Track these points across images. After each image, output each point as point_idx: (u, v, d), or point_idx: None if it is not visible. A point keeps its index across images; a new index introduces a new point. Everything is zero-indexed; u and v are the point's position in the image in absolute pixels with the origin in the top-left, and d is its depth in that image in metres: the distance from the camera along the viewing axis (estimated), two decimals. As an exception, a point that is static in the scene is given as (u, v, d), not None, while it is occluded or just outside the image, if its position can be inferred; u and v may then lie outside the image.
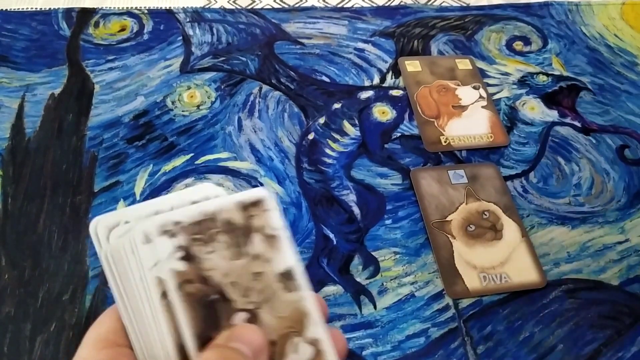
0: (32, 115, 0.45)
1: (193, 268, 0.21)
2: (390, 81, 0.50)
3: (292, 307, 0.22)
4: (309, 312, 0.23)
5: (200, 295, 0.21)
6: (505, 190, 0.43)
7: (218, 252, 0.22)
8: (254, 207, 0.23)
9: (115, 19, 0.53)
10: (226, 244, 0.22)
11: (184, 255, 0.21)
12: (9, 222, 0.39)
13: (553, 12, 0.57)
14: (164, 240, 0.21)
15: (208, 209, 0.22)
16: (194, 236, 0.22)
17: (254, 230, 0.23)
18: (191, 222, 0.22)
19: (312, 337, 0.22)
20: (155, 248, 0.21)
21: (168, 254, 0.21)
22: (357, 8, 0.57)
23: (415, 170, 0.43)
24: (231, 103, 0.47)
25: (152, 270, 0.21)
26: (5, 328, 0.35)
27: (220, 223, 0.22)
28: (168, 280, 0.21)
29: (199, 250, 0.22)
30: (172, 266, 0.21)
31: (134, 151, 0.43)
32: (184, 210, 0.22)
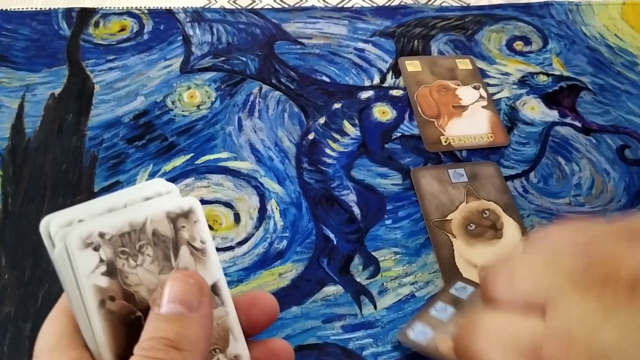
0: (32, 115, 0.45)
1: (117, 284, 0.20)
2: (390, 81, 0.50)
3: (216, 324, 0.22)
4: (232, 327, 0.22)
5: (123, 314, 0.20)
6: (506, 189, 0.43)
7: (144, 266, 0.21)
8: (184, 218, 0.22)
9: (115, 19, 0.53)
10: (152, 257, 0.21)
11: (107, 269, 0.20)
12: (9, 222, 0.39)
13: (553, 12, 0.57)
14: (88, 252, 0.20)
15: (136, 219, 0.21)
16: (119, 249, 0.20)
17: (182, 243, 0.22)
18: (117, 234, 0.20)
19: (234, 353, 0.22)
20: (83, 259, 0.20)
21: (92, 269, 0.20)
22: (357, 8, 0.57)
23: (415, 170, 0.43)
24: (231, 103, 0.47)
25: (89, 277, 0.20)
26: (5, 328, 0.35)
27: (148, 234, 0.21)
28: (89, 297, 0.20)
29: (124, 264, 0.20)
30: (94, 282, 0.20)
31: (134, 151, 0.43)
32: (112, 218, 0.21)
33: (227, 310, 0.22)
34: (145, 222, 0.21)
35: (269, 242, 0.39)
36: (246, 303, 0.23)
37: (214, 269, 0.22)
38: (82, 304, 0.20)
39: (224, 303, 0.22)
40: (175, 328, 0.19)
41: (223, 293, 0.22)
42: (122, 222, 0.21)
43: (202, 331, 0.20)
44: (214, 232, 0.39)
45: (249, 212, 0.41)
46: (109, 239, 0.20)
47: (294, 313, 0.36)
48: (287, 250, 0.39)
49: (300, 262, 0.39)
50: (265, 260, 0.38)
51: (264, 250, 0.39)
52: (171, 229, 0.21)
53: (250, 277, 0.38)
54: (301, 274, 0.38)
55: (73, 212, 0.21)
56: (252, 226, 0.40)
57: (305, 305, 0.37)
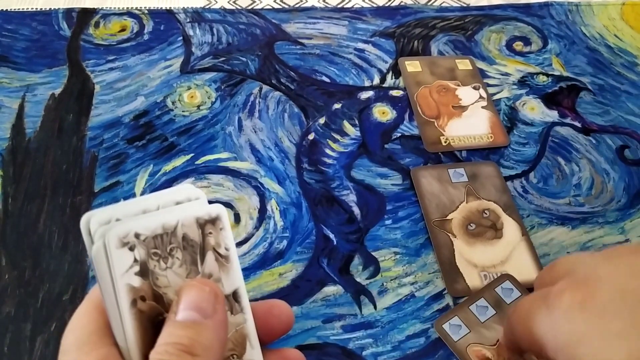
0: (33, 115, 0.45)
1: (148, 284, 0.21)
2: (390, 81, 0.50)
3: (235, 330, 0.22)
4: (249, 334, 0.22)
5: (152, 314, 0.21)
6: (505, 188, 0.43)
7: (173, 268, 0.21)
8: (211, 225, 0.22)
9: (115, 19, 0.53)
10: (181, 261, 0.22)
11: (140, 270, 0.21)
12: (9, 222, 0.39)
13: (553, 13, 0.57)
14: (124, 252, 0.21)
15: (169, 222, 0.21)
16: (152, 250, 0.21)
17: (208, 249, 0.22)
18: (151, 236, 0.21)
19: (250, 359, 0.22)
20: (119, 258, 0.20)
21: (126, 268, 0.20)
22: (357, 8, 0.57)
23: (415, 169, 0.44)
24: (231, 103, 0.47)
25: (123, 277, 0.20)
26: (6, 328, 0.35)
27: (179, 238, 0.22)
28: (122, 296, 0.20)
29: (155, 266, 0.21)
30: (128, 281, 0.20)
31: (134, 151, 0.43)
32: (147, 220, 0.21)
33: (246, 317, 0.23)
34: (177, 226, 0.22)
35: (269, 242, 0.39)
36: (263, 311, 0.24)
37: (236, 276, 0.23)
38: (115, 302, 0.21)
39: (243, 310, 0.23)
40: (189, 334, 0.20)
41: (243, 300, 0.23)
42: (156, 224, 0.21)
43: (216, 338, 0.20)
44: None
45: (249, 212, 0.41)
46: (144, 239, 0.21)
47: (294, 313, 0.36)
48: (287, 250, 0.39)
49: (300, 262, 0.39)
50: (265, 260, 0.39)
51: (264, 250, 0.39)
52: (199, 234, 0.22)
53: (251, 277, 0.38)
54: (301, 274, 0.38)
55: (111, 211, 0.21)
56: (252, 226, 0.40)
57: (305, 305, 0.37)
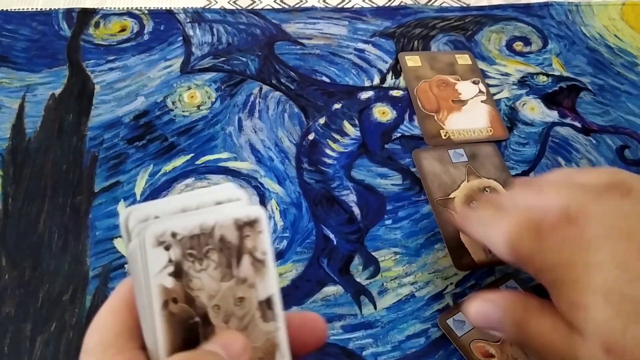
0: (33, 115, 0.45)
1: (180, 286, 0.20)
2: (390, 81, 0.50)
3: (266, 338, 0.22)
4: (280, 344, 0.22)
5: (183, 317, 0.20)
6: (504, 167, 0.44)
7: (208, 271, 0.21)
8: (249, 227, 0.22)
9: (115, 19, 0.53)
10: (216, 264, 0.21)
11: (174, 270, 0.20)
12: (9, 222, 0.39)
13: (553, 13, 0.57)
14: (160, 251, 0.20)
15: (206, 222, 0.21)
16: (188, 251, 0.20)
17: (244, 252, 0.21)
18: (188, 235, 0.20)
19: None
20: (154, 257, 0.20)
21: (160, 268, 0.20)
22: (357, 8, 0.57)
23: (417, 151, 0.45)
24: (231, 103, 0.47)
25: (156, 277, 0.20)
26: (6, 328, 0.35)
27: (215, 240, 0.21)
28: (155, 297, 0.20)
29: (190, 267, 0.20)
30: (161, 281, 0.20)
31: (134, 151, 0.43)
32: (184, 219, 0.21)
33: (278, 325, 0.22)
34: (214, 227, 0.21)
35: (269, 242, 0.39)
36: (296, 322, 0.23)
37: (271, 282, 0.22)
38: (147, 303, 0.20)
39: (276, 318, 0.22)
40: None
41: (276, 308, 0.22)
42: (194, 224, 0.21)
43: None
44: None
45: (249, 213, 0.41)
46: (180, 239, 0.20)
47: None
48: (287, 250, 0.39)
49: (300, 262, 0.39)
50: (265, 261, 0.38)
51: (264, 251, 0.39)
52: (237, 236, 0.21)
53: (251, 277, 0.38)
54: (301, 274, 0.38)
55: (151, 208, 0.21)
56: (252, 226, 0.40)
57: (305, 305, 0.37)
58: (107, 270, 0.37)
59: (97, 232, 0.39)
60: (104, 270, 0.37)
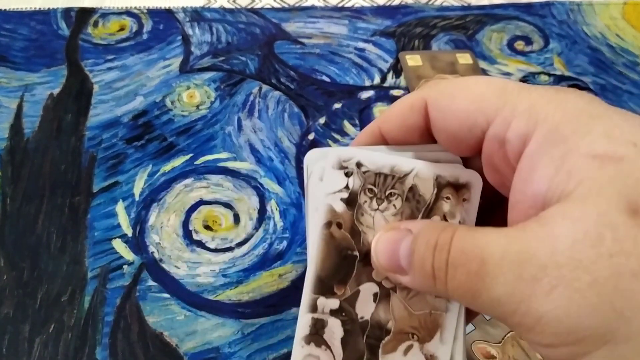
0: (31, 115, 0.45)
1: (350, 216, 0.20)
2: (391, 81, 0.50)
3: (429, 312, 0.20)
4: (445, 327, 0.20)
5: (342, 245, 0.20)
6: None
7: (385, 213, 0.20)
8: (452, 190, 0.20)
9: (114, 18, 0.53)
10: (397, 211, 0.20)
11: (348, 197, 0.20)
12: (7, 222, 0.39)
13: (555, 12, 0.57)
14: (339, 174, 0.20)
15: (402, 167, 0.20)
16: (368, 186, 0.20)
17: (437, 213, 0.20)
18: (374, 171, 0.20)
19: (432, 352, 0.20)
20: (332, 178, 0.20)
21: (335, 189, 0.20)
22: (358, 7, 0.56)
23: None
24: (231, 103, 0.47)
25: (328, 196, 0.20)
26: (4, 329, 0.34)
27: (405, 187, 0.20)
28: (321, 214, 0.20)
29: (366, 202, 0.20)
30: (331, 202, 0.20)
31: (133, 151, 0.43)
32: (377, 155, 0.20)
33: (449, 307, 0.20)
34: (409, 174, 0.20)
35: (269, 243, 0.39)
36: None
37: None
38: (314, 219, 0.20)
39: (450, 299, 0.20)
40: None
41: None
42: (385, 163, 0.20)
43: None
44: (212, 233, 0.39)
45: (248, 213, 0.41)
46: (364, 172, 0.20)
47: (294, 314, 0.36)
48: (287, 251, 0.39)
49: (301, 263, 0.38)
50: (265, 261, 0.38)
51: (264, 251, 0.39)
52: (433, 193, 0.20)
53: (250, 278, 0.37)
54: (301, 275, 0.38)
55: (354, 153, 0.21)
56: (251, 227, 0.40)
57: (305, 306, 0.37)
58: (105, 271, 0.37)
59: (95, 232, 0.39)
60: (103, 271, 0.37)
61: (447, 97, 0.20)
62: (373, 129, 0.22)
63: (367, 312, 0.20)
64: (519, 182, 0.18)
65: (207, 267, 0.38)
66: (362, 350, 0.20)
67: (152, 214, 0.40)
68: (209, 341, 0.35)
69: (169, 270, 0.37)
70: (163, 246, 0.38)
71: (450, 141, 0.21)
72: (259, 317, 0.36)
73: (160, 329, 0.35)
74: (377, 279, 0.20)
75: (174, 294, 0.36)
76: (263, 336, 0.35)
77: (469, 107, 0.19)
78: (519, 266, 0.16)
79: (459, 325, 0.20)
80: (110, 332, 0.35)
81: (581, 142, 0.17)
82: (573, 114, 0.18)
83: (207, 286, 0.37)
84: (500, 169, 0.20)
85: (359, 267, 0.20)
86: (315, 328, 0.21)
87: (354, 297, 0.20)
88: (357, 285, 0.20)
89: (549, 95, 0.19)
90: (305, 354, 0.21)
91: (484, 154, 0.20)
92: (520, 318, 0.16)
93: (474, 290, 0.17)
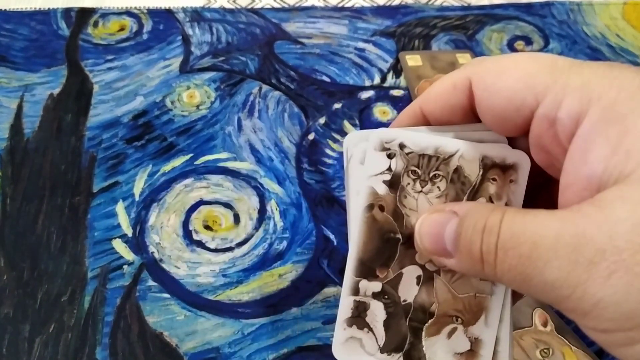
0: (31, 115, 0.45)
1: (392, 198, 0.19)
2: (391, 81, 0.50)
3: (474, 295, 0.20)
4: (490, 310, 0.20)
5: (384, 228, 0.19)
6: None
7: (429, 195, 0.20)
8: (499, 171, 0.20)
9: (114, 18, 0.53)
10: (441, 193, 0.20)
11: (390, 179, 0.19)
12: (7, 222, 0.39)
13: (555, 12, 0.57)
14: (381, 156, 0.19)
15: (446, 148, 0.19)
16: (412, 167, 0.19)
17: (482, 195, 0.20)
18: (418, 152, 0.19)
19: (477, 335, 0.20)
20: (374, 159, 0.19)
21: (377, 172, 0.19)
22: (358, 7, 0.56)
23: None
24: (231, 103, 0.47)
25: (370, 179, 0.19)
26: (4, 329, 0.34)
27: (450, 168, 0.20)
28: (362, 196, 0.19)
29: (409, 184, 0.20)
30: (373, 184, 0.19)
31: (133, 151, 0.43)
32: (421, 136, 0.19)
33: (495, 290, 0.20)
34: (454, 155, 0.20)
35: (269, 243, 0.39)
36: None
37: None
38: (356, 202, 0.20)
39: (495, 283, 0.20)
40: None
41: None
42: (428, 144, 0.20)
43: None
44: (212, 233, 0.39)
45: (248, 213, 0.41)
46: (407, 153, 0.20)
47: (294, 314, 0.36)
48: (287, 251, 0.39)
49: (300, 263, 0.38)
50: (265, 261, 0.38)
51: (264, 251, 0.39)
52: (479, 174, 0.20)
53: (250, 278, 0.37)
54: (301, 275, 0.38)
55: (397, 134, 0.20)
56: (251, 227, 0.40)
57: (305, 306, 0.37)
58: (105, 271, 0.37)
59: (95, 232, 0.39)
60: (103, 271, 0.37)
61: (493, 74, 0.20)
62: (414, 109, 0.22)
63: (410, 295, 0.20)
64: (572, 163, 0.18)
65: (207, 267, 0.38)
66: (404, 333, 0.20)
67: (152, 214, 0.40)
68: (209, 341, 0.35)
69: (169, 270, 0.37)
70: (163, 246, 0.38)
71: (496, 121, 0.20)
72: (259, 317, 0.36)
73: (160, 329, 0.35)
74: (421, 261, 0.20)
75: (174, 294, 0.36)
76: (263, 336, 0.35)
77: (516, 85, 0.19)
78: (574, 250, 0.16)
79: (504, 308, 0.20)
80: (110, 332, 0.35)
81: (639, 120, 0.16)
82: (630, 90, 0.17)
83: (207, 286, 0.37)
84: (550, 150, 0.19)
85: (401, 250, 0.20)
86: (358, 310, 0.21)
87: (397, 280, 0.20)
88: (400, 268, 0.20)
89: (602, 72, 0.18)
90: (347, 337, 0.21)
91: (532, 134, 0.19)
92: (575, 303, 0.16)
93: (526, 274, 0.17)
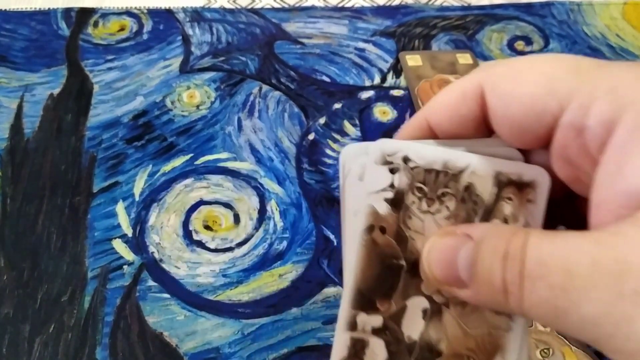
0: (31, 115, 0.45)
1: (395, 218, 0.17)
2: (391, 81, 0.50)
3: (488, 331, 0.17)
4: (507, 349, 0.17)
5: (385, 252, 0.17)
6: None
7: (436, 216, 0.17)
8: (515, 189, 0.17)
9: (114, 18, 0.53)
10: (451, 213, 0.17)
11: (393, 198, 0.17)
12: (7, 222, 0.39)
13: (555, 12, 0.57)
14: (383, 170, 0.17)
15: (455, 162, 0.17)
16: (417, 184, 0.17)
17: (497, 216, 0.17)
18: (424, 167, 0.17)
19: None
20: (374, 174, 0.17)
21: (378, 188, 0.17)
22: (358, 7, 0.56)
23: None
24: (231, 103, 0.47)
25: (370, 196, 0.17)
26: (4, 329, 0.34)
27: (460, 186, 0.17)
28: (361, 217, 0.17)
29: (414, 203, 0.17)
30: (373, 202, 0.17)
31: (133, 151, 0.43)
32: (426, 149, 0.18)
33: (512, 326, 0.17)
34: (464, 171, 0.17)
35: (269, 243, 0.39)
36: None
37: None
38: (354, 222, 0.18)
39: (513, 317, 0.17)
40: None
41: None
42: (436, 157, 0.17)
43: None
44: (212, 233, 0.39)
45: (248, 213, 0.41)
46: (412, 168, 0.17)
47: (294, 314, 0.36)
48: (287, 251, 0.39)
49: (300, 263, 0.38)
50: (265, 262, 0.38)
51: (264, 251, 0.39)
52: (492, 193, 0.17)
53: (250, 278, 0.37)
54: (301, 275, 0.38)
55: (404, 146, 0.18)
56: (251, 227, 0.40)
57: (306, 306, 0.37)
58: (105, 271, 0.37)
59: (95, 232, 0.39)
60: (103, 271, 0.37)
61: (509, 80, 0.17)
62: (420, 120, 0.20)
63: (415, 331, 0.18)
64: (606, 177, 0.15)
65: (207, 267, 0.38)
66: None
67: (152, 214, 0.40)
68: (209, 341, 0.35)
69: (169, 271, 0.37)
70: (163, 246, 0.38)
71: (513, 132, 0.18)
72: (259, 317, 0.36)
73: (161, 329, 0.35)
74: (427, 292, 0.18)
75: (174, 294, 0.36)
76: (263, 336, 0.35)
77: (536, 90, 0.17)
78: (617, 279, 0.13)
79: (522, 347, 0.17)
80: (110, 332, 0.35)
81: None
82: None
83: (207, 286, 0.37)
84: (576, 162, 0.17)
85: (405, 279, 0.18)
86: (355, 349, 0.19)
87: (400, 314, 0.18)
88: (404, 300, 0.18)
89: (634, 73, 0.16)
90: None
91: (556, 145, 0.17)
92: (620, 343, 0.13)
93: (560, 308, 0.14)
